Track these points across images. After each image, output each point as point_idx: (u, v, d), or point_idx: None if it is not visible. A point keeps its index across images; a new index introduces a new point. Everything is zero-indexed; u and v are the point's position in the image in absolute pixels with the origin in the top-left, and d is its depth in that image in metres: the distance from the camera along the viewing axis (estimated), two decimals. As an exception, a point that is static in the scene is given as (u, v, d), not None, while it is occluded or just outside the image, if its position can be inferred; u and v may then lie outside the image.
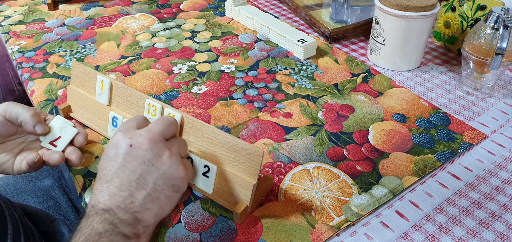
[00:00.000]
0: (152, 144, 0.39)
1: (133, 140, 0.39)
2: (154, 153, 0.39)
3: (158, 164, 0.39)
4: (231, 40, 0.85)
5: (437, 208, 0.49)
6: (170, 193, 0.40)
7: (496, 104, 0.67)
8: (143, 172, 0.38)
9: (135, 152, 0.39)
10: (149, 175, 0.39)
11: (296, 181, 0.52)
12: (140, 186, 0.38)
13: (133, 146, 0.39)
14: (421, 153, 0.57)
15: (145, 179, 0.38)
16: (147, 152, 0.39)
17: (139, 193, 0.38)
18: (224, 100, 0.67)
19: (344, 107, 0.66)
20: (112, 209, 0.36)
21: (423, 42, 0.74)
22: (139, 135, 0.40)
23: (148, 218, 0.38)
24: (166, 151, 0.40)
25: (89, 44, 0.83)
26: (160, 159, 0.39)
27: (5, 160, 0.50)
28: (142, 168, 0.38)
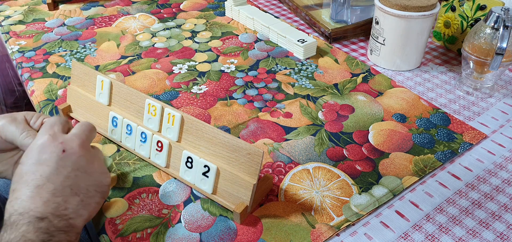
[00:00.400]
0: (84, 150, 0.39)
1: (65, 145, 0.38)
2: (86, 159, 0.39)
3: (90, 170, 0.39)
4: (231, 40, 0.85)
5: (437, 208, 0.49)
6: (99, 199, 0.40)
7: (496, 104, 0.67)
8: (77, 178, 0.38)
9: (69, 157, 0.38)
10: (82, 181, 0.38)
11: (296, 181, 0.52)
12: (73, 192, 0.37)
13: (66, 151, 0.38)
14: (421, 153, 0.57)
15: (79, 185, 0.38)
16: (80, 158, 0.38)
17: (73, 198, 0.37)
18: (224, 100, 0.67)
19: (344, 107, 0.66)
20: (47, 217, 0.34)
21: (423, 42, 0.74)
22: (70, 140, 0.39)
23: (79, 224, 0.37)
24: (96, 158, 0.40)
25: (89, 44, 0.83)
26: (92, 165, 0.39)
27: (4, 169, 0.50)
28: (76, 174, 0.38)
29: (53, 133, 0.39)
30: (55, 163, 0.37)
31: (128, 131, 0.55)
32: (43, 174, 0.36)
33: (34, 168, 0.37)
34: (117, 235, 0.45)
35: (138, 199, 0.50)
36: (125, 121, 0.54)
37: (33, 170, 0.37)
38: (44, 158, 0.37)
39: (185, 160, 0.49)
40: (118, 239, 0.45)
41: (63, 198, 0.36)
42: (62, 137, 0.39)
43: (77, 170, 0.38)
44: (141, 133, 0.53)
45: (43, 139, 0.39)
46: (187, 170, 0.50)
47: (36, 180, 0.36)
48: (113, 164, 0.55)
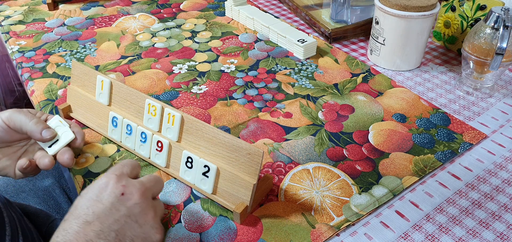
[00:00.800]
0: (142, 199, 0.38)
1: (126, 188, 0.37)
2: (142, 208, 0.38)
3: (142, 221, 0.37)
4: (231, 40, 0.85)
5: (437, 208, 0.49)
6: None
7: (496, 104, 0.67)
8: (125, 225, 0.36)
9: (125, 201, 0.37)
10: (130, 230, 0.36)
11: (296, 181, 0.52)
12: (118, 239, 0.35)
13: (125, 194, 0.37)
14: (421, 153, 0.57)
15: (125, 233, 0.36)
16: (136, 206, 0.37)
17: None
18: (224, 100, 0.67)
19: (344, 107, 0.66)
20: None
21: (423, 42, 0.74)
22: (132, 185, 0.38)
23: None
24: (152, 211, 0.39)
25: (89, 44, 0.83)
26: (145, 217, 0.38)
27: (7, 165, 0.50)
28: (126, 221, 0.36)
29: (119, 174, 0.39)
30: (110, 203, 0.36)
31: (128, 131, 0.55)
32: (95, 211, 0.36)
33: (89, 203, 0.36)
34: (117, 235, 0.45)
35: (138, 199, 0.50)
36: (125, 121, 0.54)
37: (88, 205, 0.36)
38: (102, 196, 0.37)
39: (185, 160, 0.49)
40: (118, 239, 0.45)
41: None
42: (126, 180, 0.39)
43: (128, 217, 0.36)
44: (141, 133, 0.53)
45: (108, 178, 0.38)
46: (187, 170, 0.50)
47: (86, 216, 0.35)
48: (113, 164, 0.55)
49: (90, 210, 0.36)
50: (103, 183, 0.38)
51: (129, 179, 0.39)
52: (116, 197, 0.37)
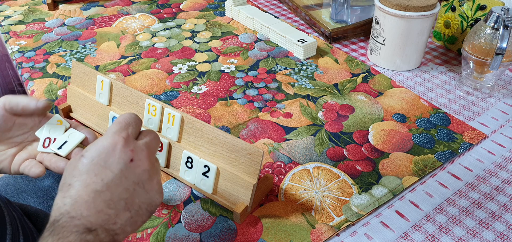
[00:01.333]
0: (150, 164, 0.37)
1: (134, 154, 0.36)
2: (149, 175, 0.36)
3: (149, 188, 0.36)
4: (231, 40, 0.85)
5: (437, 208, 0.49)
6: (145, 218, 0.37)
7: (496, 104, 0.67)
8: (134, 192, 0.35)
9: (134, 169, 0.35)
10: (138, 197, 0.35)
11: (296, 181, 0.52)
12: (127, 207, 0.34)
13: (134, 161, 0.35)
14: (421, 153, 0.57)
15: (133, 201, 0.35)
16: (144, 172, 0.36)
17: (124, 214, 0.34)
18: (224, 100, 0.67)
19: (344, 107, 0.66)
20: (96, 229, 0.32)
21: (423, 42, 0.74)
22: (140, 150, 0.36)
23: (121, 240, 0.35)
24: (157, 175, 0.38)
25: (89, 44, 0.83)
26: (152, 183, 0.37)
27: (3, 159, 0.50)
28: (135, 188, 0.35)
29: (126, 136, 0.36)
30: (119, 171, 0.34)
31: (128, 131, 0.54)
32: (104, 179, 0.34)
33: (97, 169, 0.34)
34: (117, 235, 0.45)
35: (138, 199, 0.50)
36: (125, 121, 0.54)
37: (96, 172, 0.34)
38: (111, 162, 0.35)
39: (185, 160, 0.49)
40: (118, 239, 0.45)
41: (115, 211, 0.34)
42: (133, 143, 0.37)
43: (137, 184, 0.35)
44: (141, 133, 0.53)
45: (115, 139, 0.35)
46: (187, 170, 0.50)
47: (96, 184, 0.34)
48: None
49: (98, 178, 0.34)
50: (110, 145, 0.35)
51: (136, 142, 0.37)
52: (125, 163, 0.35)
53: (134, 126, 0.38)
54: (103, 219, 0.33)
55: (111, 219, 0.33)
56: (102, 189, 0.33)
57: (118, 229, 0.34)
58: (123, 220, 0.34)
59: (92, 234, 0.32)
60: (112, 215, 0.33)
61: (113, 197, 0.34)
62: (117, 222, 0.34)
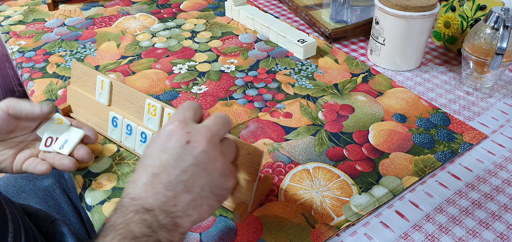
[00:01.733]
0: (210, 146, 0.36)
1: (191, 136, 0.36)
2: (210, 156, 0.36)
3: (210, 169, 0.36)
4: (231, 40, 0.86)
5: (437, 208, 0.49)
6: (213, 202, 0.37)
7: (496, 104, 0.67)
8: (193, 174, 0.35)
9: (191, 150, 0.35)
10: (199, 179, 0.35)
11: (296, 181, 0.52)
12: (186, 189, 0.35)
13: (190, 142, 0.35)
14: (421, 153, 0.57)
15: (194, 183, 0.35)
16: (203, 154, 0.35)
17: (184, 196, 0.34)
18: (224, 100, 0.67)
19: (344, 107, 0.66)
20: (154, 210, 0.33)
21: (423, 42, 0.74)
22: (198, 132, 0.36)
23: (185, 224, 0.35)
24: (221, 157, 0.37)
25: (89, 44, 0.83)
26: (214, 164, 0.36)
27: (4, 158, 0.50)
28: (194, 170, 0.35)
29: (183, 119, 0.37)
30: (175, 154, 0.35)
31: (128, 131, 0.55)
32: (161, 162, 0.35)
33: (156, 153, 0.35)
34: (117, 235, 0.45)
35: (138, 199, 0.50)
36: (125, 121, 0.54)
37: (155, 156, 0.35)
38: (167, 145, 0.35)
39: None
40: (118, 239, 0.45)
41: (174, 193, 0.34)
42: (191, 126, 0.37)
43: (196, 166, 0.35)
44: (141, 133, 0.53)
45: (173, 125, 0.36)
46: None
47: (154, 167, 0.35)
48: (113, 164, 0.55)
49: (156, 161, 0.35)
50: (169, 130, 0.36)
51: (194, 124, 0.37)
52: (181, 146, 0.35)
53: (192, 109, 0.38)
54: (161, 200, 0.33)
55: (170, 200, 0.34)
56: (159, 172, 0.34)
57: (179, 211, 0.34)
58: (184, 202, 0.34)
59: (149, 214, 0.33)
60: (171, 197, 0.34)
61: (171, 179, 0.34)
62: (177, 204, 0.34)
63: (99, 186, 0.51)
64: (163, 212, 0.33)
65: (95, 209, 0.48)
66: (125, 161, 0.55)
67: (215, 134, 0.37)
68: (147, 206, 0.33)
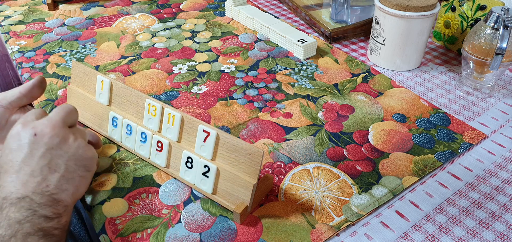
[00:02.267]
0: (55, 130, 0.40)
1: (36, 129, 0.40)
2: (60, 137, 0.40)
3: (65, 147, 0.40)
4: (231, 40, 0.85)
5: (437, 208, 0.49)
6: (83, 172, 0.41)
7: (496, 104, 0.67)
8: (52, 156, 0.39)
9: (40, 139, 0.39)
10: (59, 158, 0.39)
11: (296, 181, 0.52)
12: (52, 170, 0.38)
13: (37, 134, 0.39)
14: (421, 153, 0.57)
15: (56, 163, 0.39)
16: (52, 138, 0.40)
17: (52, 176, 0.38)
18: (224, 100, 0.67)
19: (344, 107, 0.66)
20: (28, 196, 0.37)
21: (423, 42, 0.74)
22: (41, 123, 0.41)
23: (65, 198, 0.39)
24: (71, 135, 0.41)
25: (89, 44, 0.83)
26: (66, 142, 0.40)
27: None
28: (51, 153, 0.39)
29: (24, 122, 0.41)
30: (28, 147, 0.39)
31: (128, 131, 0.55)
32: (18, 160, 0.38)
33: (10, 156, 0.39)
34: (117, 235, 0.45)
35: (138, 199, 0.50)
36: (125, 121, 0.54)
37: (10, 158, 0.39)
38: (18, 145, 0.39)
39: (185, 160, 0.49)
40: (118, 239, 0.45)
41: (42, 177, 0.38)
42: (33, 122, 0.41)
43: (51, 149, 0.39)
44: (141, 133, 0.53)
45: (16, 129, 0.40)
46: (187, 170, 0.50)
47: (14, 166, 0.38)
48: (113, 164, 0.55)
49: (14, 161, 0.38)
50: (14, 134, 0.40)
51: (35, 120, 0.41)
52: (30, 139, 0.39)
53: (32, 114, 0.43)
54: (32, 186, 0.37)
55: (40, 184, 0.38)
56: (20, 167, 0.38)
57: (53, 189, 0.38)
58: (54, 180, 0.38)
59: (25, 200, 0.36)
60: (39, 181, 0.38)
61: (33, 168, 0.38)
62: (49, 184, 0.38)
63: (99, 186, 0.51)
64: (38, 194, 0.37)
65: (95, 209, 0.48)
66: (125, 161, 0.55)
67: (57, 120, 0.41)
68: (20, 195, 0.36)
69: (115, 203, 0.49)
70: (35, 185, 0.37)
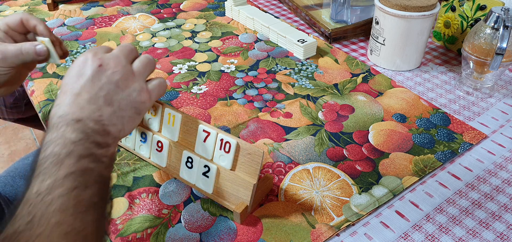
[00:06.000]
0: (119, 67, 0.42)
1: (102, 60, 0.42)
2: (120, 75, 0.42)
3: (123, 86, 0.41)
4: (231, 40, 0.85)
5: (437, 208, 0.49)
6: (132, 114, 0.42)
7: (496, 104, 0.67)
8: (109, 91, 0.41)
9: (103, 71, 0.41)
10: (115, 95, 0.41)
11: (296, 181, 0.52)
12: (107, 103, 0.40)
13: (102, 66, 0.41)
14: (421, 153, 0.57)
15: (112, 98, 0.41)
16: (114, 74, 0.41)
17: (106, 108, 0.40)
18: (224, 100, 0.67)
19: (344, 107, 0.66)
20: (83, 120, 0.38)
21: (423, 42, 0.74)
22: (108, 58, 0.42)
23: (114, 132, 0.40)
24: (131, 75, 0.43)
25: (89, 44, 0.83)
26: (126, 81, 0.42)
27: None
28: (109, 87, 0.41)
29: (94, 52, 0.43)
30: (91, 76, 0.40)
31: (128, 131, 0.54)
32: (80, 84, 0.40)
33: (73, 79, 0.41)
34: (117, 235, 0.45)
35: (138, 199, 0.50)
36: (125, 121, 0.54)
37: (73, 81, 0.40)
38: (82, 71, 0.41)
39: (185, 160, 0.49)
40: (118, 239, 0.45)
41: (97, 106, 0.39)
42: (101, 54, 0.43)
43: (110, 83, 0.41)
44: (141, 133, 0.53)
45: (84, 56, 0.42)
46: (187, 170, 0.50)
47: (74, 89, 0.40)
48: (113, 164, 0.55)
49: (75, 85, 0.40)
50: (81, 60, 0.42)
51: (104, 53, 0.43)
52: (95, 69, 0.41)
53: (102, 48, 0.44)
54: (88, 112, 0.39)
55: (95, 112, 0.39)
56: (80, 91, 0.40)
57: (105, 120, 0.40)
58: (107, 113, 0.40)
59: (80, 123, 0.38)
60: (95, 109, 0.39)
61: (91, 95, 0.40)
62: (102, 115, 0.40)
63: (99, 186, 0.51)
64: (92, 120, 0.39)
65: (95, 209, 0.48)
66: (125, 161, 0.55)
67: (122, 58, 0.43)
68: (76, 117, 0.38)
69: (115, 203, 0.49)
70: (91, 112, 0.39)
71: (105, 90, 0.40)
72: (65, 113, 0.38)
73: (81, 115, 0.38)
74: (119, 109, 0.41)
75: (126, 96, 0.42)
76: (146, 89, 0.44)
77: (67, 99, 0.39)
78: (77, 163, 0.36)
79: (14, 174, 0.70)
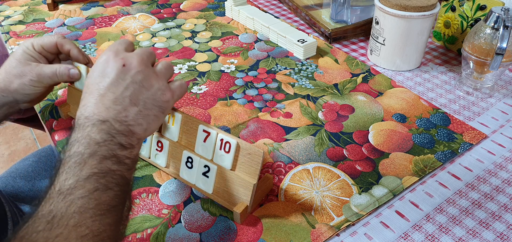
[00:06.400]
0: (142, 67, 0.42)
1: (125, 60, 0.42)
2: (144, 75, 0.42)
3: (147, 85, 0.42)
4: (231, 40, 0.85)
5: (437, 208, 0.49)
6: (157, 112, 0.43)
7: (496, 104, 0.67)
8: (134, 90, 0.41)
9: (127, 71, 0.41)
10: (140, 94, 0.41)
11: (296, 181, 0.52)
12: (132, 102, 0.40)
13: (126, 65, 0.41)
14: (421, 153, 0.57)
15: (137, 97, 0.41)
16: (138, 73, 0.41)
17: (131, 108, 0.40)
18: (224, 100, 0.67)
19: (344, 107, 0.66)
20: (108, 121, 0.39)
21: (423, 42, 0.74)
22: (130, 57, 0.42)
23: (139, 132, 0.41)
24: (154, 75, 0.43)
25: (89, 44, 0.83)
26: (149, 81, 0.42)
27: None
28: (134, 87, 0.41)
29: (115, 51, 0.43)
30: (115, 75, 0.41)
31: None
32: (105, 85, 0.40)
33: (98, 80, 0.41)
34: (117, 235, 0.45)
35: (138, 199, 0.50)
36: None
37: (97, 82, 0.41)
38: (106, 71, 0.41)
39: (185, 160, 0.49)
40: (118, 239, 0.45)
41: (122, 106, 0.40)
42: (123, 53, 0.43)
43: (134, 83, 0.41)
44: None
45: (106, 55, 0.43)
46: (187, 170, 0.50)
47: (99, 90, 0.40)
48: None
49: (100, 85, 0.40)
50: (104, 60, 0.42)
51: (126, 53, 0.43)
52: (119, 69, 0.41)
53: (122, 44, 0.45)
54: (113, 113, 0.39)
55: (121, 112, 0.40)
56: (105, 92, 0.40)
57: (131, 120, 0.40)
58: (133, 113, 0.40)
59: (105, 124, 0.38)
60: (120, 110, 0.40)
61: (117, 95, 0.40)
62: (128, 115, 0.40)
63: (99, 186, 0.51)
64: (117, 121, 0.39)
65: (95, 209, 0.48)
66: (125, 161, 0.55)
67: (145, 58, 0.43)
68: (102, 118, 0.39)
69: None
70: (116, 112, 0.39)
71: (130, 90, 0.41)
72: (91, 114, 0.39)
73: (107, 116, 0.39)
74: (144, 109, 0.41)
75: (151, 95, 0.42)
76: (170, 89, 0.44)
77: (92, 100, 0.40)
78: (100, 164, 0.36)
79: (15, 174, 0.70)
